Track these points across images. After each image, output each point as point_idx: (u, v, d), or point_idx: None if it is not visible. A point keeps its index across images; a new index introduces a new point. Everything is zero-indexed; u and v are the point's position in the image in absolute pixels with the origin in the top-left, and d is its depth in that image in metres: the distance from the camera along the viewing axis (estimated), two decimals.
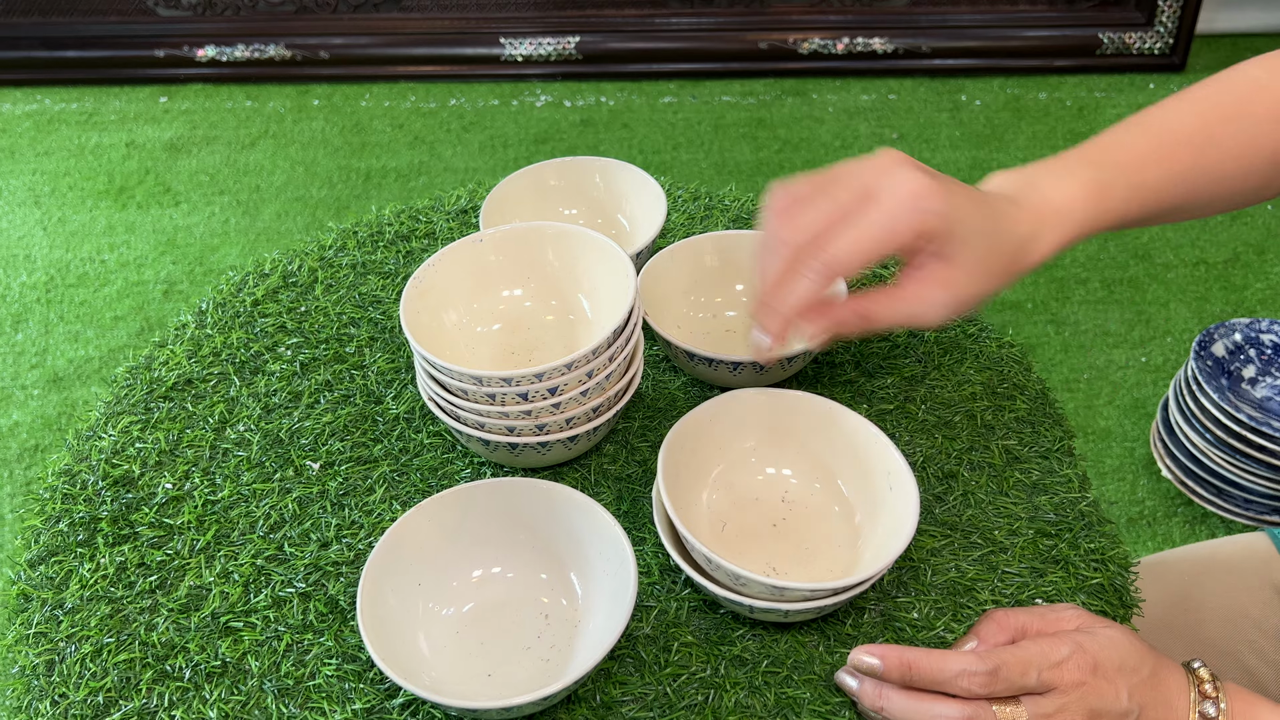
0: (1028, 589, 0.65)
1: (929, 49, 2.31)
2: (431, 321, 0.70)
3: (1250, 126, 0.65)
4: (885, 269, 0.86)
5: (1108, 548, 0.67)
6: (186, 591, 0.65)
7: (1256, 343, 1.50)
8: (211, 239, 1.97)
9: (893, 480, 0.62)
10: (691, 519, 0.64)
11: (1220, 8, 2.41)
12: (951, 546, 0.67)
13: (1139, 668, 0.58)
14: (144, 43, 2.32)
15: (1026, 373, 0.79)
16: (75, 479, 0.71)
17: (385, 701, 0.59)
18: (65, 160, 2.16)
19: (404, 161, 2.15)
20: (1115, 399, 1.67)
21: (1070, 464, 0.72)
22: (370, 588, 0.59)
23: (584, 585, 0.62)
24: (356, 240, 0.90)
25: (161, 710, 0.59)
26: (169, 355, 0.80)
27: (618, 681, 0.60)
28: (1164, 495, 1.53)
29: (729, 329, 0.79)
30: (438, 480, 0.71)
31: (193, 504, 0.69)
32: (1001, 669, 0.55)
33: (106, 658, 0.61)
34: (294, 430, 0.74)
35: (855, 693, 0.58)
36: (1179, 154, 0.65)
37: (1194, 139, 0.65)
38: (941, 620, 0.63)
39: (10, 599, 0.65)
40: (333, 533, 0.67)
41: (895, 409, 0.75)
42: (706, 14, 2.31)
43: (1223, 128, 0.65)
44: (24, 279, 1.88)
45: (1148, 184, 0.64)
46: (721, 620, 0.63)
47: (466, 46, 2.33)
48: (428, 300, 0.70)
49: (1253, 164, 0.66)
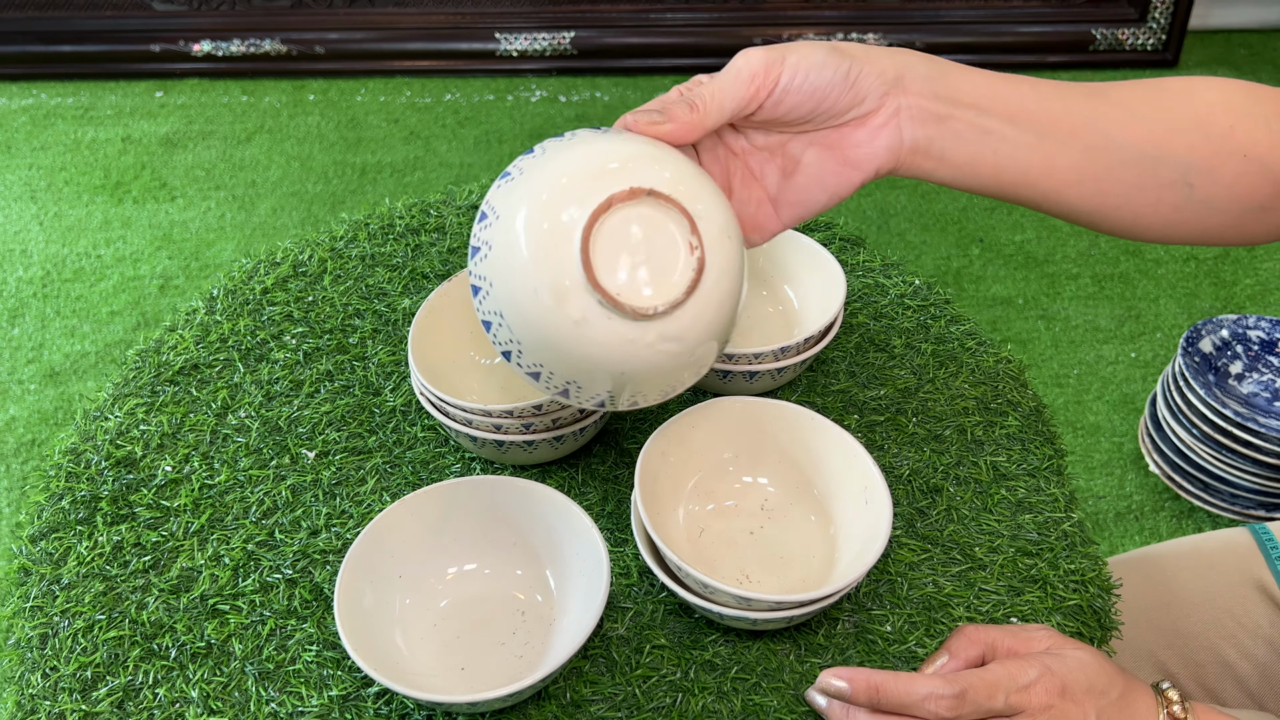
0: (1003, 607, 0.65)
1: (922, 45, 2.31)
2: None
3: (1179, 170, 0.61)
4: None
5: (1088, 569, 0.67)
6: (178, 573, 0.67)
7: (1243, 339, 1.50)
8: (207, 234, 1.99)
9: (869, 494, 0.63)
10: (668, 524, 0.65)
11: (1213, 4, 2.40)
12: (930, 561, 0.67)
13: (1108, 690, 0.58)
14: (140, 37, 2.34)
15: (1022, 389, 0.79)
16: (80, 458, 0.73)
17: (361, 689, 0.61)
18: (61, 155, 2.18)
19: (399, 157, 2.16)
20: (1105, 394, 1.68)
21: (1058, 483, 0.72)
22: (350, 578, 0.60)
23: (559, 584, 0.63)
24: (367, 232, 0.92)
25: (146, 688, 0.61)
26: (178, 340, 0.82)
27: (588, 680, 0.61)
28: (1151, 490, 1.54)
29: None
30: (428, 474, 0.72)
31: (190, 487, 0.71)
32: (969, 692, 0.56)
33: (97, 634, 0.63)
34: (293, 418, 0.76)
35: (824, 711, 0.59)
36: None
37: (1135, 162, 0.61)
38: (914, 634, 0.63)
39: (11, 572, 0.68)
40: (322, 521, 0.69)
41: (886, 420, 0.75)
42: (701, 9, 2.31)
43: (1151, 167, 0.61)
44: (20, 274, 1.91)
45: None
46: (695, 625, 0.64)
47: (462, 42, 2.34)
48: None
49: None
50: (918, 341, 0.81)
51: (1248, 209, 0.62)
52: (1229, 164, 0.60)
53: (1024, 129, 0.59)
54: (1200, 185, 0.61)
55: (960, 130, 0.58)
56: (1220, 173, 0.60)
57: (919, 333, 0.82)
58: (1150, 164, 0.60)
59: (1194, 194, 0.61)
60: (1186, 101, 0.61)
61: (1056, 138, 0.59)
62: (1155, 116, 0.60)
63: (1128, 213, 0.62)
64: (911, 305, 0.84)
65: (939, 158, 0.59)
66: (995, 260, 1.91)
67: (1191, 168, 0.60)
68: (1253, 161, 0.60)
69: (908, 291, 0.85)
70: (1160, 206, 0.61)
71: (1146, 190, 0.61)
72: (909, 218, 2.00)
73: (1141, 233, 0.63)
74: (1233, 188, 0.61)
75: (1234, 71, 2.32)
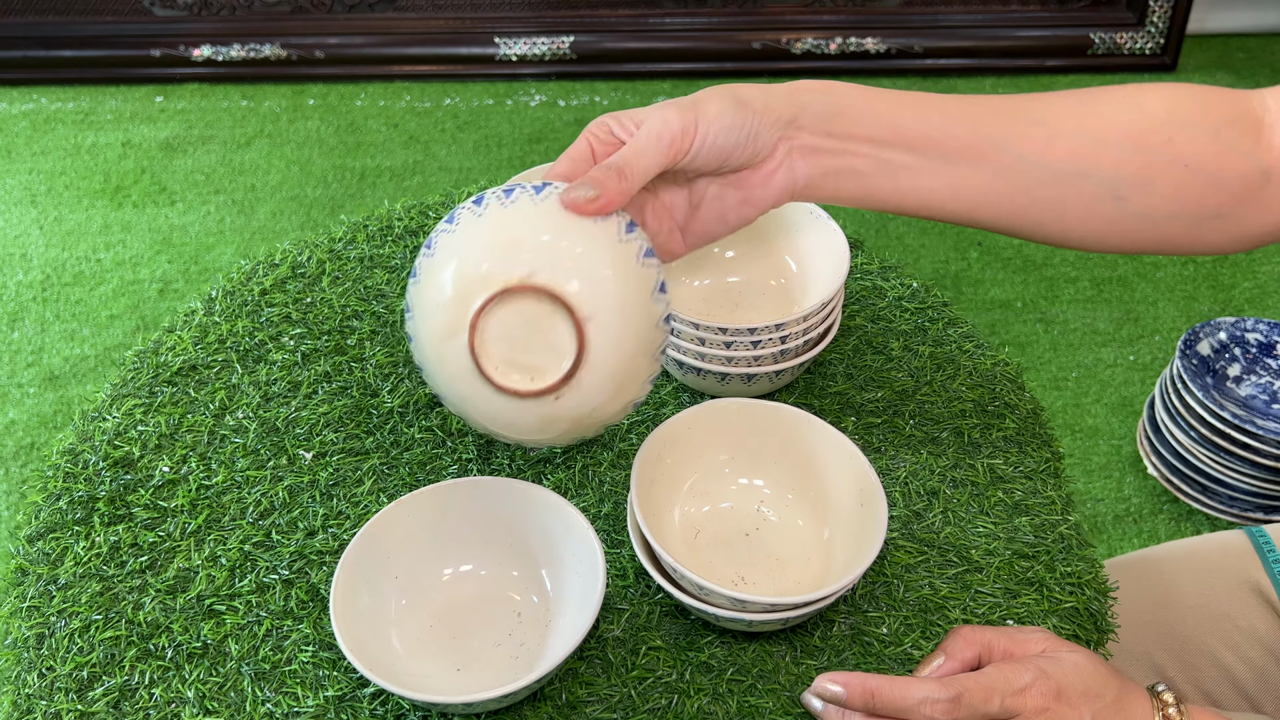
0: (999, 609, 0.65)
1: (921, 49, 2.31)
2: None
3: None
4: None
5: (1085, 572, 0.67)
6: (175, 573, 0.67)
7: (1241, 341, 1.50)
8: (207, 238, 1.99)
9: (864, 497, 0.63)
10: (664, 526, 0.65)
11: (1211, 8, 2.41)
12: (926, 564, 0.67)
13: (1103, 693, 0.58)
14: (140, 42, 2.34)
15: (1019, 391, 0.79)
16: (78, 458, 0.73)
17: (357, 690, 0.61)
18: (61, 159, 2.18)
19: (399, 161, 2.16)
20: (1103, 397, 1.68)
21: (1055, 486, 0.72)
22: (346, 578, 0.60)
23: (555, 585, 0.63)
24: (366, 234, 0.92)
25: (142, 688, 0.61)
26: (176, 341, 0.82)
27: (584, 681, 0.61)
28: (1150, 493, 1.54)
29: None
30: (425, 475, 0.72)
31: (187, 488, 0.71)
32: (964, 695, 0.56)
33: (94, 634, 0.63)
34: (290, 419, 0.76)
35: (819, 715, 0.59)
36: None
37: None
38: (910, 637, 0.63)
39: (8, 572, 0.68)
40: (319, 522, 0.69)
41: (883, 423, 0.76)
42: (700, 14, 2.32)
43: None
44: (20, 278, 1.91)
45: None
46: (691, 626, 0.64)
47: (461, 46, 2.34)
48: None
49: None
50: (915, 344, 0.81)
51: (1198, 218, 0.61)
52: (1166, 175, 0.60)
53: (928, 156, 0.60)
54: (1133, 198, 0.60)
55: (855, 164, 0.60)
56: (1156, 184, 0.60)
57: (917, 335, 0.82)
58: (1071, 180, 0.60)
59: (1127, 207, 0.60)
60: (1121, 113, 0.60)
61: (964, 162, 0.60)
62: (1078, 132, 0.60)
63: (1055, 228, 0.62)
64: (909, 308, 0.84)
65: (834, 190, 0.61)
66: (994, 263, 1.91)
67: (1120, 181, 0.60)
68: (1196, 172, 0.59)
69: (906, 294, 0.86)
70: (1090, 221, 0.61)
71: (1069, 205, 0.61)
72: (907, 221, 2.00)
73: (1077, 244, 0.63)
74: (1175, 199, 0.60)
75: (1232, 74, 2.32)
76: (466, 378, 0.54)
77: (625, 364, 0.55)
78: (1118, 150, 0.59)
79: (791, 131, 0.59)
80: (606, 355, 0.54)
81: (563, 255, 0.53)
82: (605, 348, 0.53)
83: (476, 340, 0.53)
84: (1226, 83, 2.28)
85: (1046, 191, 0.60)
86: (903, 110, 0.60)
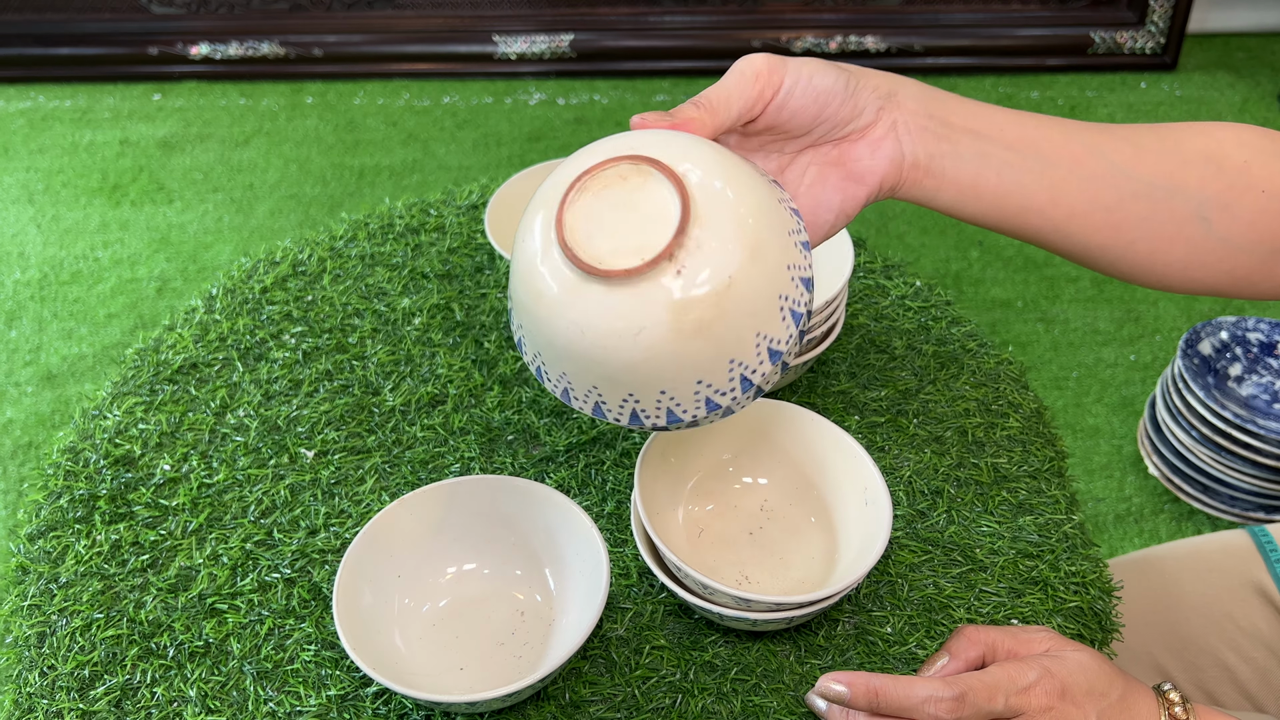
0: (1004, 609, 0.65)
1: (921, 47, 2.32)
2: None
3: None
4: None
5: (1089, 571, 0.67)
6: (176, 572, 0.66)
7: (1243, 341, 1.50)
8: (205, 236, 1.99)
9: (868, 496, 0.62)
10: (668, 524, 0.65)
11: (1211, 7, 2.41)
12: (931, 563, 0.67)
13: (1108, 692, 0.58)
14: (137, 40, 2.33)
15: (1023, 390, 0.79)
16: (79, 456, 0.73)
17: (360, 689, 0.61)
18: (59, 157, 2.18)
19: (397, 159, 2.16)
20: (1104, 397, 1.68)
21: (1059, 485, 0.72)
22: (348, 577, 0.60)
23: (559, 584, 0.63)
24: (367, 232, 0.92)
25: (144, 687, 0.61)
26: (177, 339, 0.81)
27: (588, 681, 0.61)
28: (1151, 492, 1.54)
29: None
30: (427, 474, 0.72)
31: (188, 486, 0.71)
32: (968, 694, 0.55)
33: (95, 633, 0.63)
34: (292, 418, 0.75)
35: (823, 715, 0.58)
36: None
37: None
38: (915, 636, 0.63)
39: (9, 571, 0.67)
40: (321, 521, 0.69)
41: (887, 422, 0.75)
42: (700, 12, 2.32)
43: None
44: (18, 276, 1.91)
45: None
46: (695, 625, 0.64)
47: (460, 44, 2.34)
48: None
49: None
50: (919, 343, 0.81)
51: (1272, 250, 0.59)
52: (1246, 199, 0.58)
53: (1025, 155, 0.57)
54: (1218, 221, 0.58)
55: (960, 150, 0.57)
56: (1238, 208, 0.58)
57: (920, 334, 0.82)
58: (1163, 196, 0.58)
59: (1212, 230, 0.58)
60: (1197, 137, 0.59)
61: (1061, 165, 0.57)
62: (1163, 149, 0.58)
63: (1144, 247, 0.59)
64: (912, 307, 0.84)
65: (940, 175, 0.57)
66: (994, 263, 1.91)
67: (1205, 201, 0.58)
68: (1273, 198, 0.58)
69: (909, 293, 0.85)
70: (1178, 242, 0.59)
71: (1162, 224, 0.58)
72: (908, 220, 2.00)
73: (1162, 273, 0.61)
74: (1254, 225, 0.58)
75: (1232, 74, 2.32)
76: (572, 292, 0.46)
77: (745, 219, 0.47)
78: (1201, 169, 0.58)
79: (894, 105, 0.56)
80: (717, 206, 0.46)
81: (661, 138, 0.48)
82: (713, 200, 0.46)
83: (567, 234, 0.46)
84: (1226, 82, 2.29)
85: (1140, 206, 0.58)
86: (993, 109, 0.58)
